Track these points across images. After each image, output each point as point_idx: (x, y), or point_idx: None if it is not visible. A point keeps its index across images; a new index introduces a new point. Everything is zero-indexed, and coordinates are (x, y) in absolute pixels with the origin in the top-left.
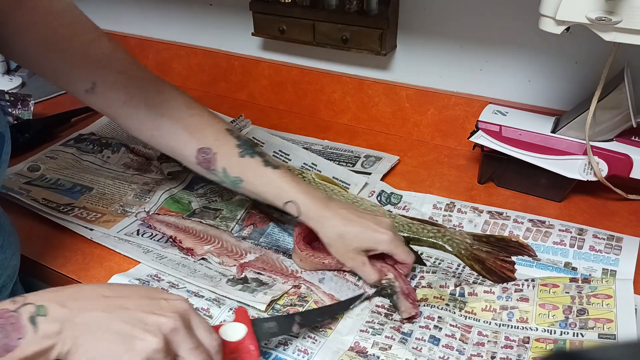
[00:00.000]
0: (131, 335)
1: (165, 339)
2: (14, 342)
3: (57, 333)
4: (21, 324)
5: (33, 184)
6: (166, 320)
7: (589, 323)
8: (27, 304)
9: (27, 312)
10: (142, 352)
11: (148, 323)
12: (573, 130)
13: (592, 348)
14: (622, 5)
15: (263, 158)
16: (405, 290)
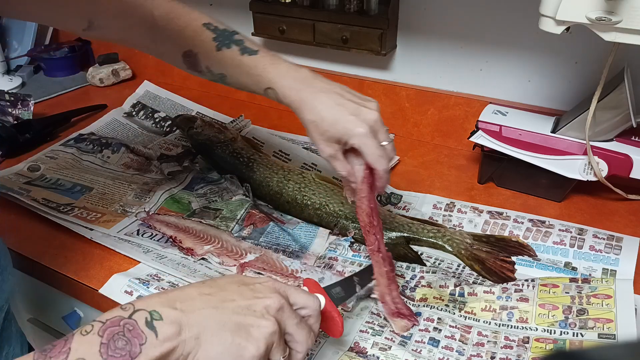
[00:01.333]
0: (246, 324)
1: (276, 320)
2: (137, 348)
3: (176, 335)
4: (140, 329)
5: (33, 184)
6: (271, 301)
7: (589, 323)
8: (139, 310)
9: (142, 318)
10: (262, 338)
11: (257, 309)
12: (573, 130)
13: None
14: (622, 5)
15: (240, 46)
16: (394, 310)
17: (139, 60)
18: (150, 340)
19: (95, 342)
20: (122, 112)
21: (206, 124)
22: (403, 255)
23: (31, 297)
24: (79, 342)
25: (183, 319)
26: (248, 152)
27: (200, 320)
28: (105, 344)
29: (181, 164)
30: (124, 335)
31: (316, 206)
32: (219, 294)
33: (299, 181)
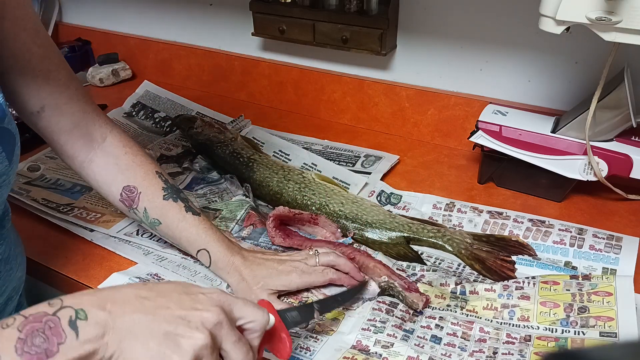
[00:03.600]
0: (176, 334)
1: (211, 334)
2: (55, 347)
3: (99, 337)
4: (61, 328)
5: (33, 184)
6: (209, 314)
7: (590, 321)
8: (65, 307)
9: (66, 316)
10: (190, 349)
11: (192, 320)
12: (573, 130)
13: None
14: (622, 5)
15: (186, 204)
16: (405, 285)
17: (139, 61)
18: (70, 341)
19: (13, 337)
20: (122, 112)
21: (206, 124)
22: (403, 255)
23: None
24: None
25: (109, 322)
26: (248, 152)
27: (128, 325)
28: (22, 340)
29: (181, 164)
30: (43, 333)
31: (316, 206)
32: (156, 299)
33: (299, 181)
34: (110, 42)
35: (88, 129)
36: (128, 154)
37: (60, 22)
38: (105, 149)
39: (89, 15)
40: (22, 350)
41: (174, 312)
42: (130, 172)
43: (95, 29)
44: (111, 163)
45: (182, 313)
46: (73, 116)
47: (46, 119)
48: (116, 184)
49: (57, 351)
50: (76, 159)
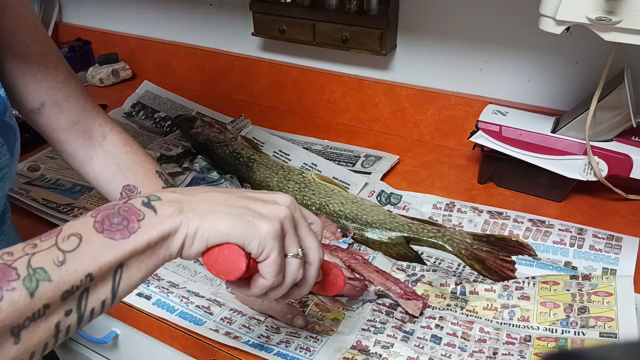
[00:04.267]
0: (254, 208)
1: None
2: (135, 224)
3: (177, 212)
4: (137, 208)
5: (33, 184)
6: (282, 197)
7: (590, 321)
8: (134, 198)
9: (138, 201)
10: (274, 216)
11: (267, 200)
12: (573, 130)
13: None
14: (622, 5)
15: None
16: (401, 292)
17: (139, 61)
18: (149, 217)
19: (88, 221)
20: (122, 112)
21: (206, 124)
22: (403, 255)
23: None
24: (71, 224)
25: (184, 199)
26: (248, 152)
27: (204, 201)
28: (99, 222)
29: (181, 164)
30: (119, 214)
31: (316, 206)
32: (225, 188)
33: (299, 181)
34: (110, 42)
35: (88, 127)
36: (128, 153)
37: (60, 22)
38: (106, 148)
39: (89, 15)
40: (102, 228)
41: (247, 194)
42: (130, 171)
43: (95, 28)
44: (111, 162)
45: (256, 195)
46: (72, 113)
47: (46, 116)
48: (116, 183)
49: (138, 227)
50: (76, 157)
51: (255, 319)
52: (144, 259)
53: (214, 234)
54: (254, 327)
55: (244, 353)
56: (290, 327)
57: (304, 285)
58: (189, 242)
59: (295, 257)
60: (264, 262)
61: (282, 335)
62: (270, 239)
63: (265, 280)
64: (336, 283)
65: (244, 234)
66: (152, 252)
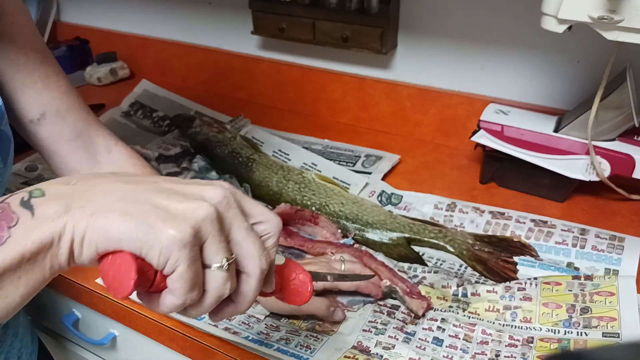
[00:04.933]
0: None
1: (216, 210)
2: (4, 232)
3: (61, 213)
4: (10, 211)
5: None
6: (212, 189)
7: (593, 322)
8: (17, 193)
9: (16, 199)
10: (188, 219)
11: (188, 193)
12: (575, 129)
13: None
14: (624, 4)
15: None
16: (407, 290)
17: (138, 59)
18: (23, 222)
19: None
20: (120, 112)
21: (205, 123)
22: (404, 256)
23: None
24: None
25: (75, 193)
26: (247, 152)
27: (100, 193)
28: None
29: (179, 164)
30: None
31: (316, 206)
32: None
33: (298, 181)
34: (109, 41)
35: (91, 140)
36: (137, 165)
37: (59, 21)
38: (113, 161)
39: (87, 14)
40: None
41: (163, 185)
42: None
43: (94, 27)
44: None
45: (175, 186)
46: (75, 124)
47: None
48: None
49: (7, 236)
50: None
51: (255, 317)
52: (21, 274)
53: (102, 239)
54: (253, 324)
55: (244, 351)
56: (291, 327)
57: (241, 302)
58: (78, 249)
59: (219, 270)
60: (170, 276)
61: (282, 333)
62: (175, 247)
63: (174, 298)
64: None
65: (139, 241)
66: (31, 265)
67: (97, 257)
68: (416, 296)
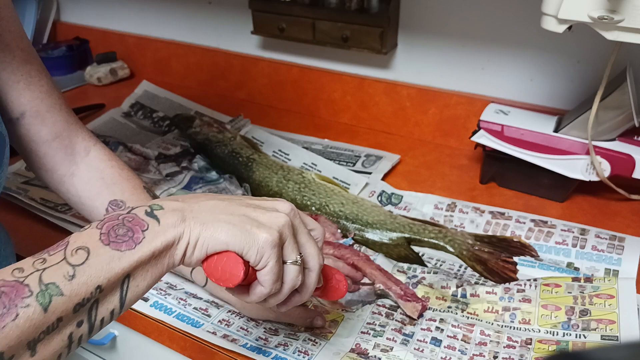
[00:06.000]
0: (254, 216)
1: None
2: (139, 234)
3: (180, 221)
4: (140, 219)
5: (31, 184)
6: (281, 204)
7: (592, 324)
8: (137, 207)
9: (141, 210)
10: (273, 225)
11: (267, 207)
12: (575, 129)
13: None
14: (624, 4)
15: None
16: (401, 293)
17: (137, 59)
18: (152, 227)
19: (94, 233)
20: (120, 112)
21: (205, 123)
22: (404, 257)
23: None
24: (77, 236)
25: (186, 208)
26: (247, 152)
27: (206, 209)
28: (105, 234)
29: (179, 164)
30: (123, 225)
31: (316, 206)
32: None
33: (298, 181)
34: (108, 41)
35: (71, 141)
36: (114, 167)
37: (58, 21)
38: (90, 163)
39: (87, 14)
40: (109, 241)
41: (247, 201)
42: (117, 186)
43: (93, 27)
44: (96, 177)
45: (256, 202)
46: (55, 125)
47: (26, 126)
48: (101, 198)
49: (142, 238)
50: (56, 172)
51: (253, 321)
52: (149, 268)
53: (213, 243)
54: (251, 329)
55: (242, 356)
56: (289, 329)
57: (304, 292)
58: (190, 250)
59: (294, 264)
60: (262, 270)
61: (280, 338)
62: (268, 247)
63: (263, 288)
64: (338, 289)
65: (242, 243)
66: (156, 261)
67: (204, 258)
68: (411, 298)
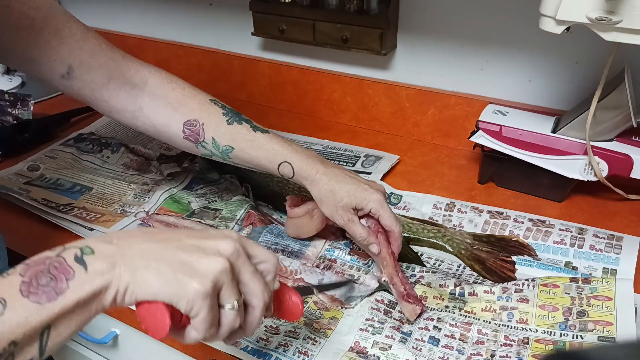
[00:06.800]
0: (190, 261)
1: (229, 261)
2: (63, 284)
3: (109, 269)
4: (67, 265)
5: (33, 184)
6: (225, 242)
7: (589, 325)
8: (68, 248)
9: (71, 254)
10: (208, 274)
11: (207, 247)
12: (573, 130)
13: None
14: (622, 5)
15: (251, 124)
16: (404, 292)
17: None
18: (79, 275)
19: (15, 282)
20: None
21: None
22: (403, 256)
23: None
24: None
25: (118, 253)
26: None
27: (138, 255)
28: (26, 282)
29: (181, 164)
30: (48, 272)
31: None
32: (164, 233)
33: None
34: (109, 42)
35: (125, 77)
36: (176, 90)
37: None
38: (152, 92)
39: (88, 15)
40: (28, 292)
41: (186, 242)
42: (184, 107)
43: (94, 28)
44: (162, 104)
45: (195, 242)
46: (103, 68)
47: (77, 79)
48: (175, 122)
49: (66, 287)
50: (126, 110)
51: None
52: (73, 317)
53: (142, 293)
54: None
55: None
56: (289, 327)
57: (248, 329)
58: (120, 297)
59: (231, 310)
60: (195, 319)
61: (280, 337)
62: (198, 298)
63: (197, 333)
64: (293, 312)
65: (171, 295)
66: (82, 309)
67: (134, 304)
68: (412, 300)
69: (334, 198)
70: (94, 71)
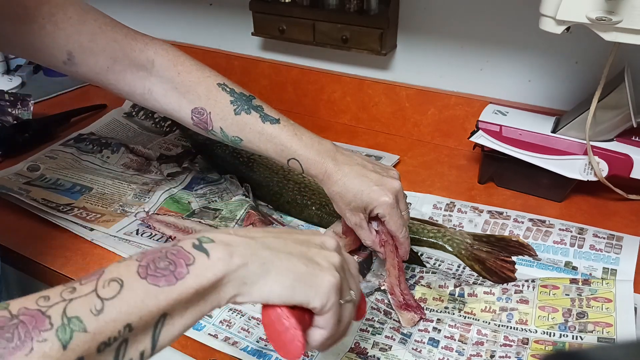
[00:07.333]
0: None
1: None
2: (184, 269)
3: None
4: (186, 251)
5: (33, 184)
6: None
7: (589, 326)
8: (184, 240)
9: (188, 244)
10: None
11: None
12: (573, 130)
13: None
14: (622, 5)
15: (260, 113)
16: (402, 302)
17: None
18: (200, 261)
19: (132, 265)
20: (122, 112)
21: None
22: None
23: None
24: (114, 266)
25: (239, 242)
26: (248, 152)
27: (264, 245)
28: (144, 266)
29: (181, 164)
30: (166, 257)
31: (316, 206)
32: (271, 229)
33: (299, 181)
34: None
35: (129, 58)
36: (182, 74)
37: None
38: (159, 74)
39: None
40: (146, 274)
41: (297, 237)
42: (191, 94)
43: None
44: (169, 88)
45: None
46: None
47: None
48: (183, 108)
49: (186, 272)
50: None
51: (255, 319)
52: (189, 308)
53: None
54: (252, 329)
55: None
56: None
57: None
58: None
59: (350, 302)
60: (325, 314)
61: None
62: (332, 291)
63: (324, 331)
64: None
65: (307, 294)
66: (200, 300)
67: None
68: (411, 309)
69: (342, 200)
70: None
